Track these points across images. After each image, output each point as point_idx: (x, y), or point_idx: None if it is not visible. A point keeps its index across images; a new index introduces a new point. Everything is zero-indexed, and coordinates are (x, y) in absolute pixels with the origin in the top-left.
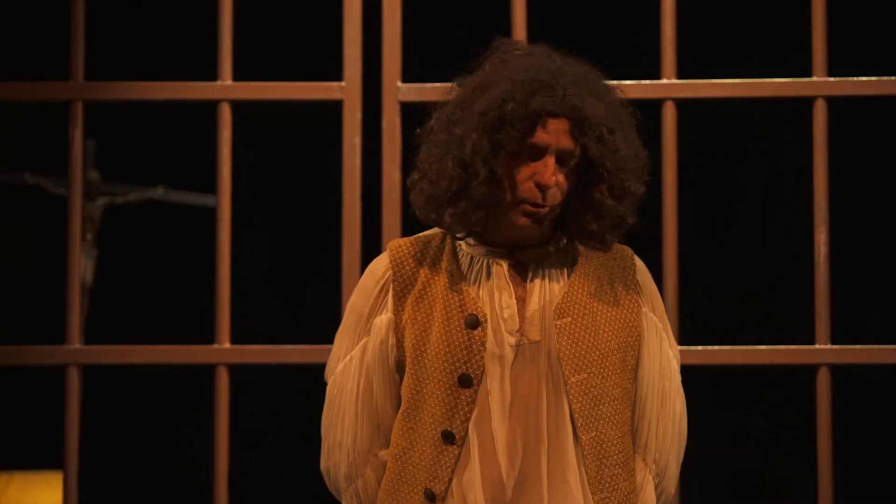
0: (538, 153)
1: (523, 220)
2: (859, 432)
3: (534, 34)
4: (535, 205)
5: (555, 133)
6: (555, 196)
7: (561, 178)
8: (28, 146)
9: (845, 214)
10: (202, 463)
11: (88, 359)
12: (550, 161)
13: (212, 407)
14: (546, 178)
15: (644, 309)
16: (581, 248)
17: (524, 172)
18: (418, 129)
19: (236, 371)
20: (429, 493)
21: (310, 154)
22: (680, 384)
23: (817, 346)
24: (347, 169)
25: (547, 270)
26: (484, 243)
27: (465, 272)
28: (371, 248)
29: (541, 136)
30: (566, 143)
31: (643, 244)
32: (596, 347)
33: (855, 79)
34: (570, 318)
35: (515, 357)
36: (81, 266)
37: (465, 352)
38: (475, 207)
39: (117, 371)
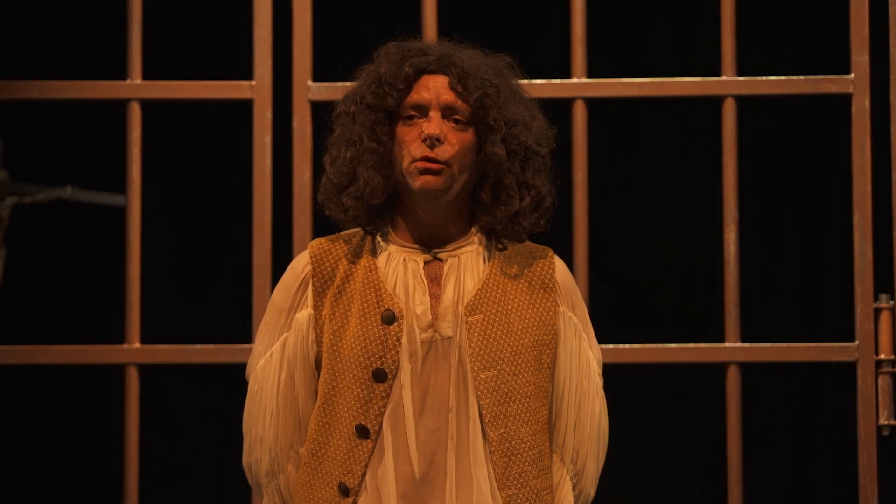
0: (424, 113)
1: (422, 180)
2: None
3: (444, 33)
4: (428, 160)
5: (434, 89)
6: (446, 151)
7: (451, 134)
8: None
9: (756, 212)
10: (113, 464)
11: None
12: (434, 115)
13: (122, 407)
14: (431, 128)
15: (562, 308)
16: (498, 248)
17: (413, 133)
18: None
19: (147, 371)
20: (342, 487)
21: (220, 153)
22: (600, 385)
23: (727, 345)
24: (258, 168)
25: (463, 267)
26: (402, 239)
27: (382, 269)
28: (282, 248)
29: (420, 94)
30: (448, 96)
31: (552, 241)
32: (508, 344)
33: (764, 78)
34: (482, 315)
35: (428, 353)
36: None
37: (380, 347)
38: (367, 180)
39: (26, 371)
